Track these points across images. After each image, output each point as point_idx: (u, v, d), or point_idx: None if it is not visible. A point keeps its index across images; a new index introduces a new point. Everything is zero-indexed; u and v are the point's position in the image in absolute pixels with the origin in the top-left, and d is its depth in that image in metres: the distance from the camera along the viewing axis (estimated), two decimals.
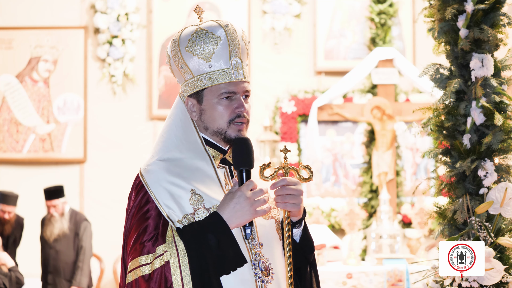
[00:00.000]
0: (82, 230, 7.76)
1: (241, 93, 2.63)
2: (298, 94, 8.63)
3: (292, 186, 2.53)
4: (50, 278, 7.65)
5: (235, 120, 2.61)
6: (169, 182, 2.58)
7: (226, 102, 2.61)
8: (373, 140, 8.18)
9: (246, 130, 2.65)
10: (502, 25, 3.87)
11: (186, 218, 2.54)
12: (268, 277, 2.54)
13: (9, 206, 7.65)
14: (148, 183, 2.59)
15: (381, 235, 7.33)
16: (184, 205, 2.55)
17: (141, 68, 8.97)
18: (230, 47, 2.62)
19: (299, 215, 2.61)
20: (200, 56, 2.63)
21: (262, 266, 2.54)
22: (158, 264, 2.48)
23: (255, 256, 2.55)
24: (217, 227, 2.49)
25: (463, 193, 3.85)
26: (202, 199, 2.57)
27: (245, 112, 2.62)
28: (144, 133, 8.95)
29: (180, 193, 2.57)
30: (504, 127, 3.79)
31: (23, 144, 8.90)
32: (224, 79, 2.61)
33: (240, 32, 2.67)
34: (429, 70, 3.93)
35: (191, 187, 2.58)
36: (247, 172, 2.54)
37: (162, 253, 2.49)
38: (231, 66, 2.62)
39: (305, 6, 8.99)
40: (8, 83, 8.95)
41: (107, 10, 8.85)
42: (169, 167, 2.61)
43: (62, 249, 7.69)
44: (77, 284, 7.65)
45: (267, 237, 2.61)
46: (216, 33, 2.62)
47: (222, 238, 2.48)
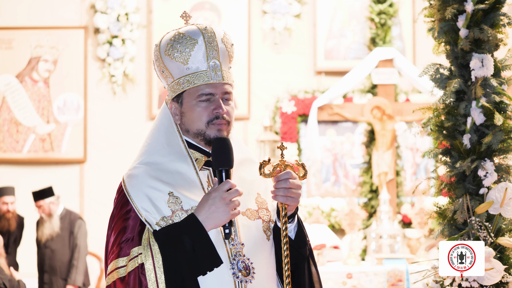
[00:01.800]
0: (77, 228, 7.76)
1: (220, 94, 2.63)
2: (298, 94, 8.63)
3: (292, 179, 2.54)
4: (47, 278, 7.66)
5: (213, 121, 2.61)
6: (148, 186, 2.61)
7: (204, 104, 2.62)
8: (373, 140, 8.18)
9: (227, 131, 2.64)
10: (502, 25, 3.86)
11: (164, 220, 2.55)
12: (247, 276, 2.54)
13: (8, 196, 7.69)
14: (128, 187, 2.63)
15: (381, 235, 7.33)
16: (161, 208, 2.57)
17: (141, 68, 8.97)
18: (207, 49, 2.63)
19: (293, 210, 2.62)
20: (178, 60, 2.65)
21: (241, 265, 2.54)
22: (132, 266, 2.50)
23: (234, 256, 2.55)
24: (192, 229, 2.49)
25: (463, 193, 3.85)
26: (180, 201, 2.58)
27: (224, 114, 2.61)
28: (144, 133, 8.90)
29: (158, 196, 2.59)
30: (504, 127, 3.79)
31: (23, 144, 8.90)
32: (202, 81, 2.62)
33: (221, 34, 2.67)
34: (429, 70, 3.93)
35: (169, 190, 2.59)
36: (226, 172, 2.53)
37: (136, 255, 2.51)
38: (208, 68, 2.63)
39: (305, 6, 8.99)
40: (8, 83, 8.95)
41: (107, 10, 8.85)
42: (149, 170, 2.64)
43: (57, 249, 7.69)
44: (72, 283, 7.65)
45: (251, 237, 2.60)
46: (193, 36, 2.65)
47: (197, 239, 2.48)
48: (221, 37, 2.67)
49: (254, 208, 2.66)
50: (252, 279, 2.54)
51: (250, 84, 8.90)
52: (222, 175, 2.53)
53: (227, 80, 2.65)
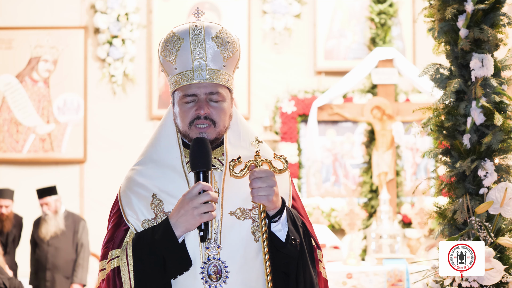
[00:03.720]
0: (81, 228, 7.80)
1: (204, 95, 2.57)
2: (298, 94, 8.63)
3: (262, 177, 2.45)
4: (49, 275, 7.66)
5: (194, 122, 2.56)
6: (136, 188, 2.61)
7: (188, 105, 2.58)
8: (373, 140, 8.18)
9: (213, 132, 2.57)
10: (502, 25, 3.86)
11: (147, 223, 2.56)
12: (217, 281, 2.50)
13: (5, 199, 7.68)
14: (121, 189, 2.66)
15: (381, 235, 7.33)
16: (145, 210, 2.57)
17: (141, 68, 8.98)
18: (192, 48, 2.57)
19: (273, 208, 2.50)
20: (168, 59, 2.62)
21: (212, 270, 2.51)
22: (108, 269, 2.53)
23: (207, 260, 2.51)
24: (163, 233, 2.47)
25: (463, 193, 3.85)
26: (162, 204, 2.57)
27: (206, 114, 2.55)
28: (144, 133, 8.95)
29: (143, 198, 2.59)
30: (504, 127, 3.79)
31: (23, 144, 8.90)
32: (185, 81, 2.57)
33: (213, 32, 2.60)
34: (429, 70, 3.93)
35: (153, 192, 2.59)
36: (204, 173, 2.48)
37: (113, 258, 2.53)
38: (193, 68, 2.57)
39: (305, 6, 8.99)
40: (8, 83, 8.95)
41: (107, 10, 8.85)
42: (142, 170, 2.65)
43: (61, 247, 7.70)
44: (79, 281, 7.68)
45: (234, 239, 2.55)
46: (180, 35, 2.60)
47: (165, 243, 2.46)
48: (213, 35, 2.59)
49: (248, 208, 2.59)
50: (224, 284, 2.50)
51: (250, 84, 8.90)
52: (200, 176, 2.47)
53: (215, 79, 2.57)
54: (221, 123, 2.59)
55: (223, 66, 2.60)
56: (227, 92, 2.62)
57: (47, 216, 7.72)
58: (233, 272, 2.51)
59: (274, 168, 2.51)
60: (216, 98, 2.57)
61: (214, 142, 2.61)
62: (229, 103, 2.64)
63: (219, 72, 2.59)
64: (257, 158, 2.49)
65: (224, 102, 2.60)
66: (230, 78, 2.63)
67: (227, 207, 2.57)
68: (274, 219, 2.52)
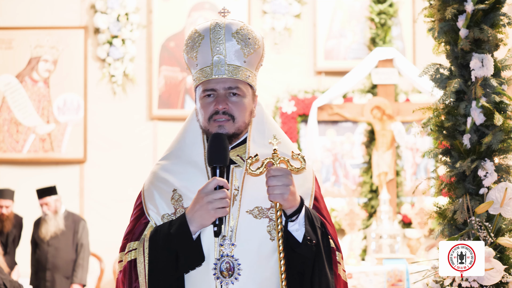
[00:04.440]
0: (81, 228, 7.79)
1: (223, 90, 2.58)
2: (298, 94, 8.63)
3: (278, 175, 2.45)
4: (49, 275, 7.65)
5: (213, 117, 2.58)
6: (160, 181, 2.64)
7: (207, 100, 2.60)
8: (373, 140, 8.18)
9: (231, 127, 2.59)
10: (502, 25, 3.86)
11: (166, 218, 2.58)
12: (229, 278, 2.51)
13: (5, 200, 7.68)
14: (144, 184, 2.68)
15: (381, 235, 7.33)
16: (165, 205, 2.60)
17: (141, 68, 8.98)
18: (212, 44, 2.60)
19: (290, 207, 2.50)
20: (190, 56, 2.66)
21: (224, 266, 2.52)
22: (125, 260, 2.57)
23: (220, 256, 2.52)
24: (178, 227, 2.49)
25: (463, 193, 3.85)
26: (182, 199, 2.59)
27: (224, 109, 2.57)
28: (144, 133, 8.95)
29: (164, 192, 2.62)
30: (504, 127, 3.79)
31: (23, 144, 8.90)
32: (205, 77, 2.60)
33: (234, 28, 2.63)
34: (429, 70, 3.93)
35: (174, 187, 2.61)
36: (220, 169, 2.49)
37: (130, 250, 2.57)
38: (212, 64, 2.59)
39: (305, 6, 8.99)
40: (8, 83, 8.95)
41: (107, 10, 8.85)
42: (166, 165, 2.67)
43: (61, 247, 7.70)
44: (79, 281, 7.68)
45: (248, 237, 2.55)
46: (201, 32, 2.63)
47: (179, 237, 2.48)
48: (233, 31, 2.62)
49: (266, 207, 2.59)
50: (235, 281, 2.51)
51: None
52: (216, 172, 2.49)
53: (234, 75, 2.58)
54: (240, 118, 2.60)
55: (243, 62, 2.62)
56: (247, 88, 2.64)
57: (47, 216, 7.72)
58: (245, 270, 2.52)
59: (292, 166, 2.50)
60: (236, 92, 2.59)
61: (235, 138, 2.63)
62: (250, 99, 2.65)
63: (239, 68, 2.60)
64: (274, 156, 2.48)
65: (244, 98, 2.61)
66: (251, 75, 2.65)
67: (245, 205, 2.58)
68: (291, 218, 2.51)
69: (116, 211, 8.81)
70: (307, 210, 2.57)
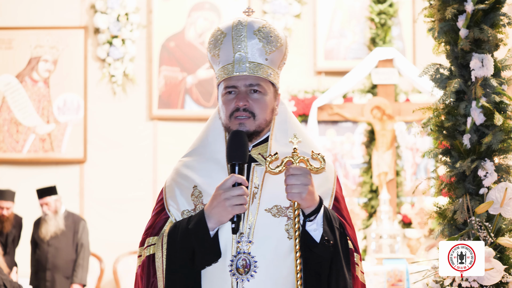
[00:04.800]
0: (81, 228, 7.79)
1: (244, 87, 2.60)
2: (298, 94, 8.63)
3: (297, 174, 2.45)
4: (49, 275, 7.65)
5: (233, 114, 2.59)
6: (181, 177, 2.66)
7: (228, 97, 2.61)
8: (373, 140, 8.18)
9: (252, 124, 2.59)
10: (502, 25, 3.86)
11: (186, 214, 2.60)
12: (245, 275, 2.52)
13: (6, 201, 7.67)
14: (166, 180, 2.71)
15: (381, 235, 7.33)
16: (185, 201, 2.62)
17: (141, 68, 8.98)
18: (233, 42, 2.61)
19: (307, 206, 2.49)
20: (213, 54, 2.67)
21: (240, 263, 2.52)
22: (144, 255, 2.60)
23: (237, 253, 2.53)
24: (196, 223, 2.51)
25: (463, 193, 3.84)
26: (202, 195, 2.60)
27: (244, 106, 2.58)
28: (144, 133, 8.95)
29: (185, 189, 2.63)
30: (504, 127, 3.79)
31: (23, 144, 8.90)
32: (227, 74, 2.61)
33: (256, 26, 2.62)
34: (429, 70, 3.93)
35: (194, 183, 2.63)
36: (239, 166, 2.50)
37: (149, 245, 2.59)
38: (233, 61, 2.60)
39: (305, 6, 8.99)
40: (8, 83, 8.95)
41: (107, 10, 8.85)
42: (188, 162, 2.70)
43: (61, 247, 7.70)
44: (79, 281, 7.68)
45: (266, 235, 2.55)
46: (224, 30, 2.64)
47: (197, 233, 2.49)
48: (255, 29, 2.62)
49: (285, 206, 2.59)
50: (251, 278, 2.51)
51: None
52: (235, 169, 2.49)
53: (255, 72, 2.60)
54: (261, 115, 2.61)
55: (265, 60, 2.63)
56: (269, 86, 2.65)
57: (47, 216, 7.72)
58: (261, 268, 2.52)
59: (311, 166, 2.49)
60: (257, 90, 2.60)
61: (257, 136, 2.64)
62: (271, 97, 2.66)
63: (261, 65, 2.62)
64: (294, 155, 2.48)
65: (265, 95, 2.63)
66: (273, 73, 2.66)
67: (264, 203, 2.59)
68: (309, 218, 2.51)
69: (116, 211, 8.81)
70: (326, 210, 2.56)
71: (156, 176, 8.89)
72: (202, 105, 8.93)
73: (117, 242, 8.71)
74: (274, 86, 2.68)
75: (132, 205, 8.83)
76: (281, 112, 2.74)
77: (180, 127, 8.93)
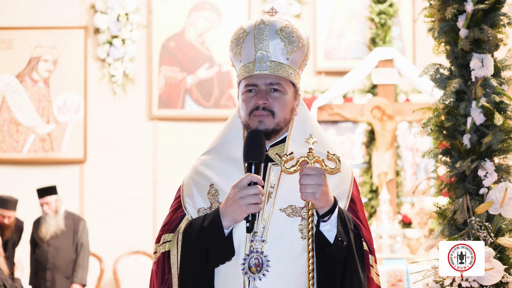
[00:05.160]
0: (81, 228, 7.78)
1: (264, 85, 2.61)
2: None
3: (311, 174, 2.45)
4: (49, 275, 7.64)
5: (254, 112, 2.60)
6: (198, 175, 2.69)
7: (249, 95, 2.63)
8: (373, 140, 8.18)
9: (271, 122, 2.60)
10: (502, 25, 3.86)
11: (201, 212, 2.63)
12: (257, 274, 2.52)
13: (9, 211, 7.62)
14: (184, 178, 2.73)
15: (381, 235, 7.33)
16: (201, 199, 2.65)
17: (141, 68, 8.98)
18: (255, 40, 2.63)
19: (321, 206, 2.49)
20: (235, 53, 2.69)
21: (253, 262, 2.53)
22: (159, 252, 2.62)
23: (250, 252, 2.54)
24: (211, 221, 2.53)
25: (463, 193, 3.84)
26: (218, 194, 2.62)
27: (264, 105, 2.59)
28: (144, 133, 8.95)
29: (201, 187, 2.66)
30: (504, 127, 3.79)
31: (23, 144, 8.90)
32: (248, 73, 2.63)
33: (278, 26, 2.64)
34: (429, 70, 3.93)
35: (211, 181, 2.65)
36: (256, 165, 2.51)
37: (165, 242, 2.62)
38: (255, 60, 2.62)
39: (305, 6, 8.99)
40: (8, 83, 8.95)
41: (107, 10, 8.85)
42: (206, 160, 2.72)
43: (61, 247, 7.68)
44: (79, 281, 7.67)
45: (279, 234, 2.56)
46: (246, 28, 2.66)
47: (211, 231, 2.51)
48: (277, 29, 2.63)
49: (300, 206, 2.59)
50: (263, 277, 2.52)
51: None
52: (251, 168, 2.50)
53: (276, 71, 2.61)
54: (280, 114, 2.62)
55: (286, 60, 2.64)
56: (289, 85, 2.65)
57: (47, 215, 7.72)
58: (274, 267, 2.53)
59: (326, 166, 2.49)
60: (277, 89, 2.62)
61: (275, 136, 2.65)
62: (291, 97, 2.66)
63: (282, 65, 2.63)
64: (309, 155, 2.48)
65: (285, 94, 2.64)
66: (294, 73, 2.66)
67: (279, 203, 2.59)
68: (323, 218, 2.51)
69: (116, 211, 8.81)
70: (341, 211, 2.55)
71: (156, 176, 8.89)
72: (202, 105, 8.93)
73: (117, 242, 8.71)
74: (294, 86, 2.68)
75: (132, 205, 8.83)
76: (301, 112, 2.75)
77: (180, 127, 8.93)
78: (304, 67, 2.74)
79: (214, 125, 8.79)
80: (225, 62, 8.82)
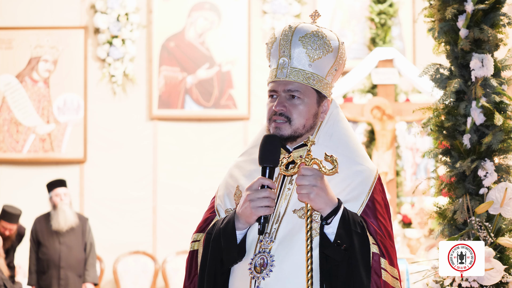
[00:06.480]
0: (88, 228, 7.74)
1: (283, 92, 2.63)
2: None
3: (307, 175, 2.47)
4: (63, 273, 7.56)
5: (273, 118, 2.64)
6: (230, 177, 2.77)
7: (270, 101, 2.68)
8: (373, 140, 8.18)
9: (287, 129, 2.62)
10: (502, 25, 3.86)
11: (227, 212, 2.70)
12: (260, 273, 2.55)
13: (11, 224, 7.55)
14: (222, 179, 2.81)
15: None
16: (228, 200, 2.72)
17: (141, 68, 8.98)
18: (280, 46, 2.66)
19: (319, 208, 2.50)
20: (267, 57, 2.75)
21: (258, 262, 2.56)
22: (188, 250, 2.73)
23: (258, 252, 2.58)
24: (226, 222, 2.60)
25: (463, 193, 3.85)
26: (242, 195, 2.65)
27: (280, 111, 2.61)
28: (144, 133, 8.95)
29: (230, 188, 2.74)
30: (504, 127, 3.79)
31: (23, 144, 8.90)
32: (271, 78, 2.68)
33: (302, 33, 2.64)
34: (429, 70, 3.93)
35: (238, 183, 2.72)
36: (270, 169, 2.55)
37: (193, 241, 2.73)
38: (277, 66, 2.66)
39: (305, 6, 8.99)
40: (8, 83, 8.95)
41: (107, 10, 8.85)
42: (239, 162, 2.79)
43: (72, 245, 7.60)
44: (92, 280, 7.61)
45: (288, 235, 2.58)
46: (276, 34, 2.71)
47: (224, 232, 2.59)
48: (301, 35, 2.64)
49: None
50: (266, 276, 2.54)
51: (250, 84, 8.90)
52: (266, 172, 2.54)
53: (295, 78, 2.62)
54: (298, 121, 2.64)
55: (308, 66, 2.65)
56: (310, 92, 2.65)
57: (63, 206, 7.55)
58: (277, 267, 2.55)
59: (324, 168, 2.50)
60: (295, 96, 2.63)
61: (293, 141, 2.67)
62: (313, 103, 2.66)
63: (302, 71, 2.64)
64: (307, 157, 2.51)
65: (304, 101, 2.64)
66: (317, 79, 2.65)
67: (293, 204, 2.62)
68: (326, 221, 2.52)
69: (116, 211, 8.81)
70: (345, 214, 2.54)
71: (156, 176, 8.89)
72: (202, 105, 8.93)
73: (117, 242, 8.71)
74: (318, 92, 2.67)
75: (132, 205, 8.83)
76: (333, 115, 2.75)
77: (180, 127, 8.93)
78: (337, 73, 2.72)
79: (214, 125, 8.79)
80: (225, 62, 8.83)
